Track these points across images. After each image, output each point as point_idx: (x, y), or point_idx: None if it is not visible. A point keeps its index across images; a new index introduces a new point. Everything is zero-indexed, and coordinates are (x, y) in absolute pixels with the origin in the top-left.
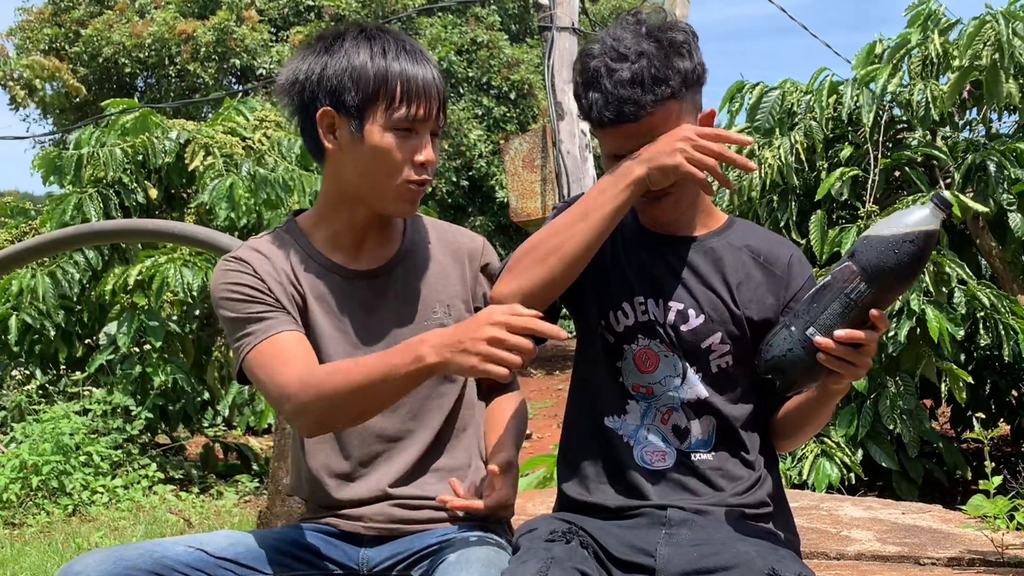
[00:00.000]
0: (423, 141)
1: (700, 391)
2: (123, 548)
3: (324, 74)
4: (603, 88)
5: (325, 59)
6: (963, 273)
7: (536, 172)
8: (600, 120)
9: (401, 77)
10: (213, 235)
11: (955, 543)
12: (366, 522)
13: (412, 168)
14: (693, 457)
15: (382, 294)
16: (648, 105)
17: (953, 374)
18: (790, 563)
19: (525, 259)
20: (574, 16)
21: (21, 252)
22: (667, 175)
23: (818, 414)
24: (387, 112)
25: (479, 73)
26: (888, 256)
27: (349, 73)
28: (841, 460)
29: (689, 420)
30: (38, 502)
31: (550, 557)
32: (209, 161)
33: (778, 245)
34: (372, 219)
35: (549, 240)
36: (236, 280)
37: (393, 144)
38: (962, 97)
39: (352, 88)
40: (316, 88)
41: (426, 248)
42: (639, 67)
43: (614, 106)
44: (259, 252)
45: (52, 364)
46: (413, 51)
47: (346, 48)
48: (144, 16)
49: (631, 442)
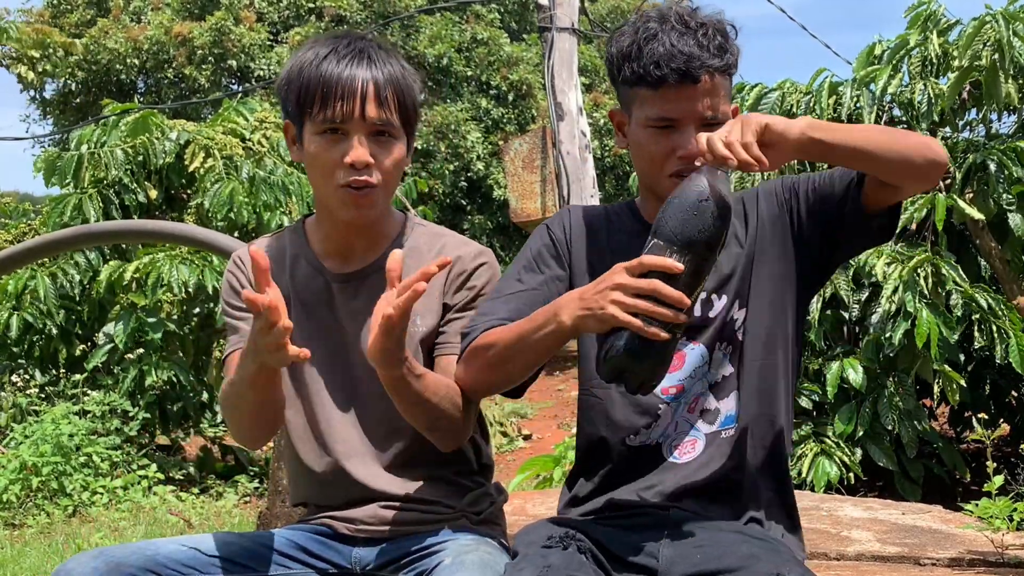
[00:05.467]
0: (351, 143)
1: (727, 369)
2: (114, 547)
3: (281, 84)
4: (667, 43)
5: (287, 68)
6: (957, 276)
7: (536, 173)
8: (658, 76)
9: (322, 80)
10: (212, 235)
11: (955, 543)
12: (358, 524)
13: (342, 170)
14: (722, 435)
15: (355, 299)
16: (713, 68)
17: (947, 376)
18: (794, 566)
19: (478, 359)
20: (574, 16)
21: (21, 253)
22: (602, 324)
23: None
24: (312, 117)
25: (478, 71)
26: (691, 222)
27: (289, 83)
28: (840, 459)
29: (719, 400)
30: (38, 503)
31: (546, 565)
32: (209, 163)
33: (766, 186)
34: (351, 224)
35: (498, 352)
36: (228, 283)
37: (321, 147)
38: (962, 98)
39: (291, 98)
40: (280, 99)
41: (413, 258)
42: (705, 32)
43: (680, 59)
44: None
45: (52, 365)
46: (348, 52)
47: (296, 57)
48: (140, 20)
49: (661, 440)
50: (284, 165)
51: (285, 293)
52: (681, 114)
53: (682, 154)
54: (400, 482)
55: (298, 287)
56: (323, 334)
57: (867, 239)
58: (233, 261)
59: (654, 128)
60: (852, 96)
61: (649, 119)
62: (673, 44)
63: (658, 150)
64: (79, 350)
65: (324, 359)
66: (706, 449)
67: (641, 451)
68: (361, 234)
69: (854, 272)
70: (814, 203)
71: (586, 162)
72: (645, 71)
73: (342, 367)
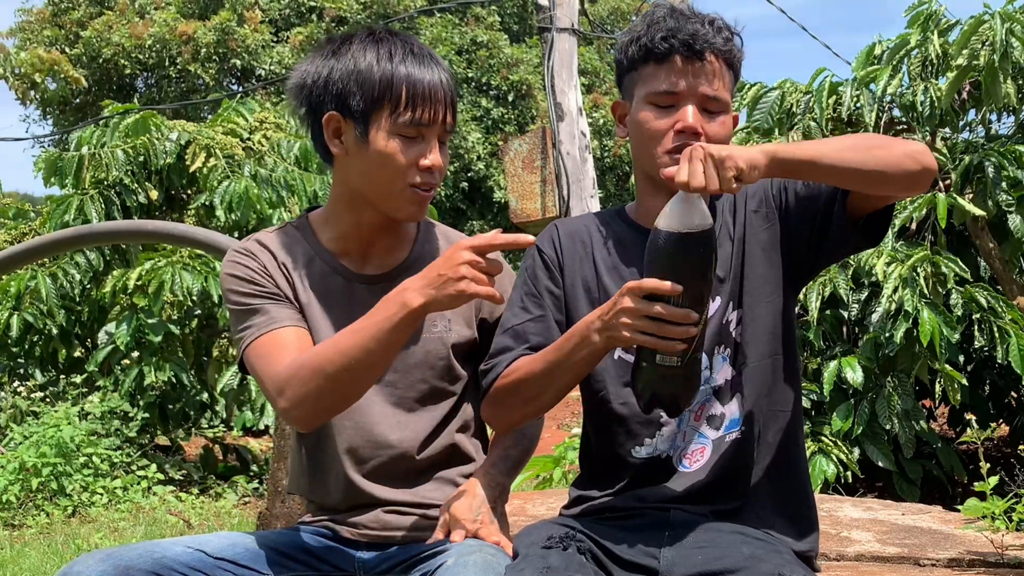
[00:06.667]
0: (429, 146)
1: (727, 372)
2: (122, 549)
3: (330, 78)
4: (675, 22)
5: (332, 63)
6: (958, 270)
7: (536, 173)
8: (665, 49)
9: (407, 81)
10: (212, 236)
11: (955, 544)
12: (361, 528)
13: (418, 173)
14: (727, 438)
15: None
16: (717, 47)
17: (948, 376)
18: (796, 567)
19: (510, 397)
20: (574, 17)
21: (21, 253)
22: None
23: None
24: (392, 117)
25: (479, 73)
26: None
27: (354, 77)
28: (838, 457)
29: (723, 404)
30: (38, 503)
31: (546, 566)
32: (212, 163)
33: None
34: (380, 223)
35: (530, 385)
36: (240, 272)
37: (398, 149)
38: (961, 98)
39: (357, 92)
40: (322, 92)
41: (433, 256)
42: (712, 21)
43: (687, 32)
44: (264, 245)
45: (52, 365)
46: (421, 54)
47: (352, 52)
48: (144, 17)
49: (669, 453)
50: (285, 164)
51: (300, 289)
52: (684, 89)
53: (679, 127)
54: (408, 488)
55: (313, 285)
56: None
57: (857, 240)
58: (241, 251)
59: (655, 106)
60: (852, 96)
61: (651, 94)
62: (680, 23)
63: (657, 126)
64: (79, 351)
65: None
66: (713, 454)
67: (652, 464)
68: (386, 234)
69: (853, 272)
70: (805, 201)
71: (586, 162)
72: (652, 44)
73: None
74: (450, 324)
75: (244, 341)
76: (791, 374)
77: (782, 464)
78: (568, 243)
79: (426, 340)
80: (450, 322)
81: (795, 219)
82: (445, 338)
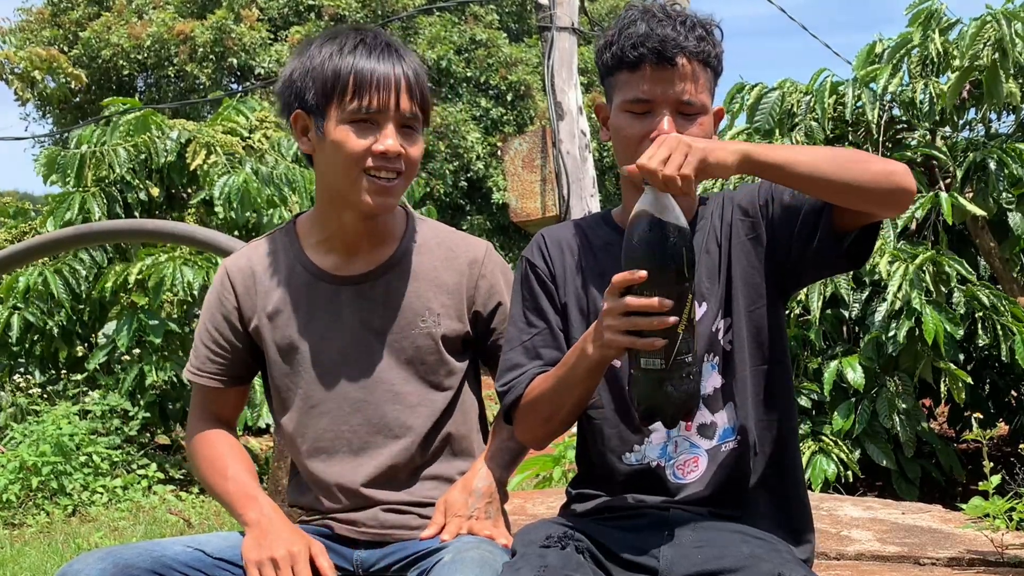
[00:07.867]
0: (383, 132)
1: (716, 380)
2: (121, 548)
3: (292, 78)
4: (646, 27)
5: (295, 63)
6: (962, 270)
7: (536, 172)
8: (635, 57)
9: (353, 70)
10: (213, 235)
11: (955, 543)
12: (359, 527)
13: (371, 158)
14: (723, 448)
15: (369, 300)
16: (689, 50)
17: (952, 374)
18: (795, 567)
19: (530, 417)
20: (574, 16)
21: (21, 252)
22: (615, 350)
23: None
24: (340, 106)
25: (477, 72)
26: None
27: (310, 74)
28: (838, 456)
29: (713, 413)
30: (38, 502)
31: (543, 565)
32: (212, 160)
33: (744, 191)
34: (363, 223)
35: (545, 404)
36: (209, 301)
37: (350, 135)
38: (962, 97)
39: (312, 87)
40: (288, 92)
41: (423, 254)
42: (684, 21)
43: (656, 39)
44: (249, 264)
45: (52, 364)
46: (375, 45)
47: (311, 50)
48: (142, 17)
49: (661, 462)
50: (286, 162)
51: (280, 303)
52: (656, 96)
53: (654, 135)
54: (404, 487)
55: (298, 296)
56: (326, 339)
57: (839, 258)
58: (223, 273)
59: (630, 113)
60: (853, 95)
61: (626, 101)
62: (651, 28)
63: (633, 133)
64: (79, 350)
65: (327, 363)
66: (709, 465)
67: (644, 474)
68: (369, 232)
69: (855, 271)
70: (791, 210)
71: (586, 161)
72: (623, 53)
73: (347, 371)
74: (439, 318)
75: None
76: (784, 383)
77: (779, 474)
78: (556, 253)
79: (415, 336)
80: (439, 316)
81: (780, 228)
82: (433, 332)
